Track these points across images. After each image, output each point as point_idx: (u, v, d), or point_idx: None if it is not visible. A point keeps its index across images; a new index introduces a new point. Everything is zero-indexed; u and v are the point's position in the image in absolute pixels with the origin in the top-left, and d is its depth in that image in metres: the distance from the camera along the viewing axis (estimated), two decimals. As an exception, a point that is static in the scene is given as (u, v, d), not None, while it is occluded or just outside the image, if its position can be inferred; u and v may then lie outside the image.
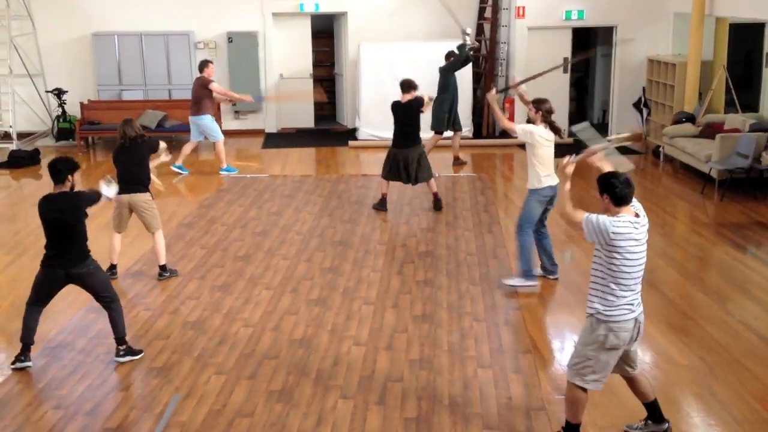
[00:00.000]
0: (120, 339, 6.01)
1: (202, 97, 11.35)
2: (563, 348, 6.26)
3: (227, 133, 13.98)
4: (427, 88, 13.20)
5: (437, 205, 9.83)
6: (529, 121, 7.27)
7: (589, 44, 15.19)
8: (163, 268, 7.68)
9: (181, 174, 11.57)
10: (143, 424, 5.15)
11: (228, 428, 5.08)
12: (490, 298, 7.13)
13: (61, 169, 5.82)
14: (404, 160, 9.56)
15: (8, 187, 11.53)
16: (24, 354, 5.92)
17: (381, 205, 9.87)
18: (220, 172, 11.72)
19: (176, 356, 6.09)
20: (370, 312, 6.86)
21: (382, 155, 13.00)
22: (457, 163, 12.15)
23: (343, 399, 5.42)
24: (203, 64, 11.43)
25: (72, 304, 7.05)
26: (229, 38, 14.18)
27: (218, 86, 11.59)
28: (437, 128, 11.85)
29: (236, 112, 14.49)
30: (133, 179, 7.39)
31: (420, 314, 6.81)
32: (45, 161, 12.72)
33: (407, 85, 9.54)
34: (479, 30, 14.56)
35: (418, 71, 13.51)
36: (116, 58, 14.00)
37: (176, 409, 5.31)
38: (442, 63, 11.98)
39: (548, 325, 6.77)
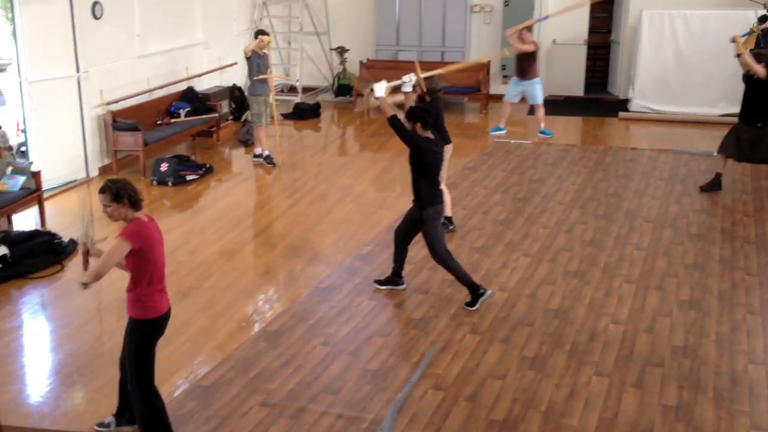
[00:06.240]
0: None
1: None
2: None
3: (495, 98, 14.05)
4: (712, 61, 12.40)
5: (715, 184, 9.15)
6: None
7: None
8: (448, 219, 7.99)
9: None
10: (401, 370, 5.39)
11: (480, 387, 5.17)
12: (768, 291, 6.58)
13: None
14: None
15: (291, 136, 12.45)
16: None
17: (712, 186, 9.15)
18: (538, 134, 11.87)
19: (433, 311, 6.29)
20: (632, 291, 6.60)
21: (655, 129, 12.51)
22: None
23: (597, 376, 5.29)
24: None
25: (342, 249, 7.54)
26: (506, 2, 14.12)
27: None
28: None
29: (505, 77, 14.42)
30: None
31: (687, 299, 6.44)
32: (325, 115, 13.62)
33: None
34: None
35: (706, 43, 12.74)
36: (396, 19, 14.50)
37: (431, 360, 5.51)
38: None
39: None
